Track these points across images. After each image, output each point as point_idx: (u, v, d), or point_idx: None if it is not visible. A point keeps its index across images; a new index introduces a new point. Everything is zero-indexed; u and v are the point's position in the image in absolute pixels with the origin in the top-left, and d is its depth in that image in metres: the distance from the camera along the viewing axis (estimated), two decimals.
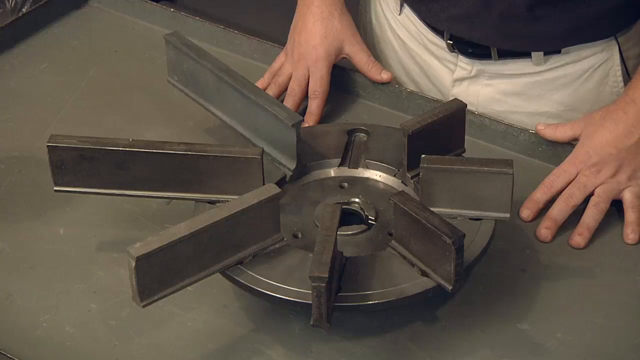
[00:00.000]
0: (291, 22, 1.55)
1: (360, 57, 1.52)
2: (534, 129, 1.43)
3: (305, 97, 1.50)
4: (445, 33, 1.51)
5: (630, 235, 1.31)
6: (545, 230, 1.31)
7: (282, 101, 1.48)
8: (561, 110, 1.51)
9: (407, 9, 1.57)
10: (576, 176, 1.34)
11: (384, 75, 1.51)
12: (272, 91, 1.50)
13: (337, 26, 1.50)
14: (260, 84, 1.51)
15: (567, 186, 1.34)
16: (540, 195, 1.34)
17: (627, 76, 1.49)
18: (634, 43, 1.50)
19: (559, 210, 1.32)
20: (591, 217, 1.31)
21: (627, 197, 1.33)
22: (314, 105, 1.48)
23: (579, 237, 1.30)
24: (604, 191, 1.32)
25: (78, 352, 1.19)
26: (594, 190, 1.33)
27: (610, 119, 1.34)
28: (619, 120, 1.34)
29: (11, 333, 1.20)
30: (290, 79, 1.50)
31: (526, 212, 1.33)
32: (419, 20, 1.55)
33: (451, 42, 1.51)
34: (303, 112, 1.49)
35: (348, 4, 1.64)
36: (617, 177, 1.33)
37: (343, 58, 1.52)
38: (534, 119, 1.49)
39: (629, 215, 1.32)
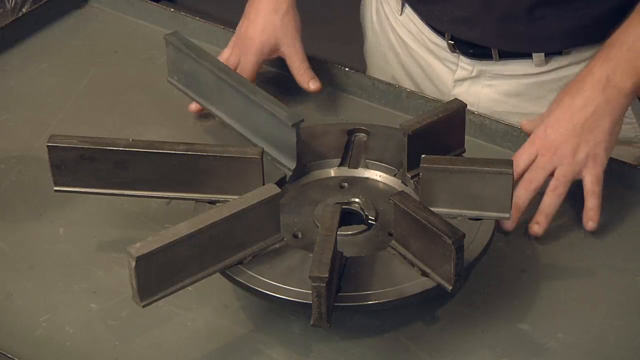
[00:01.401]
0: None
1: (293, 61, 1.50)
2: None
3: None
4: (446, 34, 1.51)
5: (589, 223, 1.29)
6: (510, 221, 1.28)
7: None
8: None
9: (408, 9, 1.56)
10: (536, 157, 1.30)
11: (312, 86, 1.49)
12: None
13: (276, 23, 1.49)
14: None
15: (528, 168, 1.30)
16: None
17: None
18: None
19: (519, 196, 1.29)
20: (548, 203, 1.29)
21: (587, 181, 1.29)
22: None
23: (536, 225, 1.28)
24: (562, 174, 1.29)
25: (78, 352, 1.19)
26: (554, 172, 1.29)
27: (568, 94, 1.32)
28: (576, 94, 1.30)
29: (11, 333, 1.20)
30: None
31: None
32: (420, 21, 1.55)
33: (452, 42, 1.51)
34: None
35: (350, 4, 1.64)
36: (576, 156, 1.29)
37: (279, 57, 1.51)
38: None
39: (589, 201, 1.29)
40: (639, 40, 1.31)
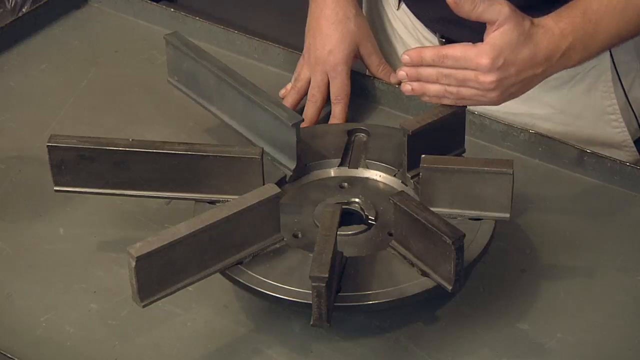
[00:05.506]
0: (291, 22, 1.55)
1: (372, 60, 1.52)
2: (530, 129, 1.43)
3: (326, 102, 1.49)
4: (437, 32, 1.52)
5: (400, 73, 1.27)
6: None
7: (303, 107, 1.48)
8: (551, 113, 1.51)
9: (404, 5, 1.57)
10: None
11: (393, 79, 1.52)
12: (291, 97, 1.49)
13: (353, 29, 1.49)
14: (284, 90, 1.51)
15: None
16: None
17: (618, 81, 1.49)
18: (625, 48, 1.49)
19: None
20: None
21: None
22: (338, 110, 1.47)
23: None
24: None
25: (78, 352, 1.19)
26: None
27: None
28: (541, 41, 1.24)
29: (11, 333, 1.20)
30: (308, 83, 1.50)
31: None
32: (414, 16, 1.55)
33: (443, 39, 1.51)
34: (326, 119, 1.48)
35: None
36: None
37: (355, 58, 1.52)
38: (524, 120, 1.48)
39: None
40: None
